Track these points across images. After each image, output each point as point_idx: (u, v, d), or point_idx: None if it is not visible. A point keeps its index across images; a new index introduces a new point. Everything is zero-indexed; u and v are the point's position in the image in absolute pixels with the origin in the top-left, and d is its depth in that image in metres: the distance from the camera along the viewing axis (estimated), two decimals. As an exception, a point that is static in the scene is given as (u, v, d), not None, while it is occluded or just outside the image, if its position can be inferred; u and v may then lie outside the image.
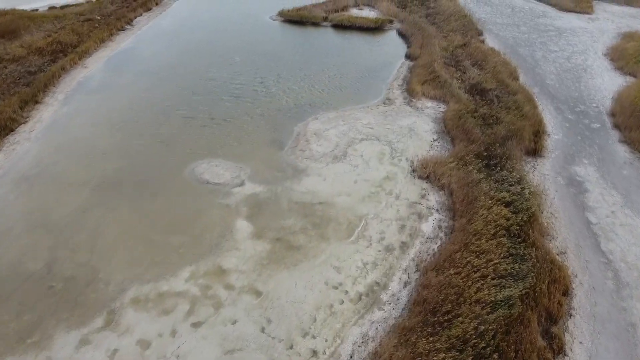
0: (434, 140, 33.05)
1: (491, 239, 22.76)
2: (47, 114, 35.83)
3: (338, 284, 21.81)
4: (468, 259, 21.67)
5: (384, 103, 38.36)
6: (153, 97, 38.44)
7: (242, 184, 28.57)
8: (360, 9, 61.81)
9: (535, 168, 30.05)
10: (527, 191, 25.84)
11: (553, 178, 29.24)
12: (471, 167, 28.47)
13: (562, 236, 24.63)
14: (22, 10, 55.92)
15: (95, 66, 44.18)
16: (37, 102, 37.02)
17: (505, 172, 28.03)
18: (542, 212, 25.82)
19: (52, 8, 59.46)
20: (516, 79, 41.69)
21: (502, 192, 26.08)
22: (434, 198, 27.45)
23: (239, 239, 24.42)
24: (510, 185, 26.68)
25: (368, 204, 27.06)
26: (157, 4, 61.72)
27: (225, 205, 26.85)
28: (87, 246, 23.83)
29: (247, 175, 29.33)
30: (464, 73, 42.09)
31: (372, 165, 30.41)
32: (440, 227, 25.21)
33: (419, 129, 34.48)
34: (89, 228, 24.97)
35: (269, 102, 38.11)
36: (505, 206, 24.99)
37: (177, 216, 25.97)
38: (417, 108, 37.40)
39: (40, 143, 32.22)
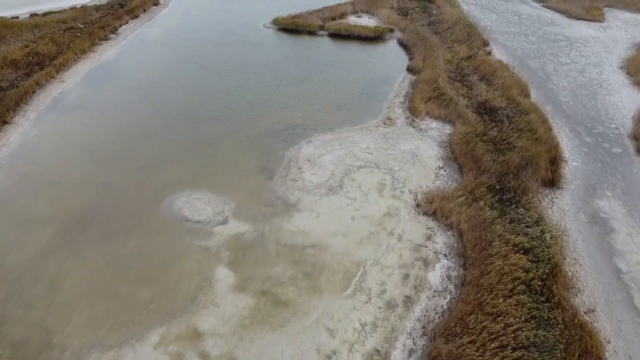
0: (440, 168, 29.93)
1: (509, 297, 19.64)
2: (15, 136, 32.64)
3: (332, 352, 18.67)
4: (483, 323, 18.54)
5: (384, 123, 35.24)
6: (133, 116, 35.28)
7: (225, 221, 25.43)
8: (359, 16, 58.73)
9: (553, 202, 26.95)
10: (548, 235, 22.71)
11: (574, 214, 26.14)
12: (482, 203, 25.36)
13: (589, 289, 21.52)
14: (0, 18, 52.69)
15: (74, 80, 41.00)
16: (5, 123, 33.81)
17: (521, 209, 24.91)
18: (564, 258, 22.72)
19: (33, 15, 56.28)
20: (527, 95, 38.62)
21: (519, 235, 22.95)
22: (442, 240, 24.32)
23: (219, 292, 21.28)
24: (527, 227, 23.55)
25: (367, 246, 23.93)
26: (145, 11, 58.59)
27: (204, 248, 23.70)
28: (43, 301, 20.68)
29: (231, 210, 26.20)
30: (471, 89, 39.00)
31: (371, 199, 27.28)
32: (449, 277, 22.07)
33: (423, 154, 31.35)
34: (48, 277, 21.82)
35: (259, 122, 34.96)
36: (524, 253, 21.85)
37: (150, 262, 22.81)
38: (421, 129, 34.28)
39: (4, 171, 29.03)
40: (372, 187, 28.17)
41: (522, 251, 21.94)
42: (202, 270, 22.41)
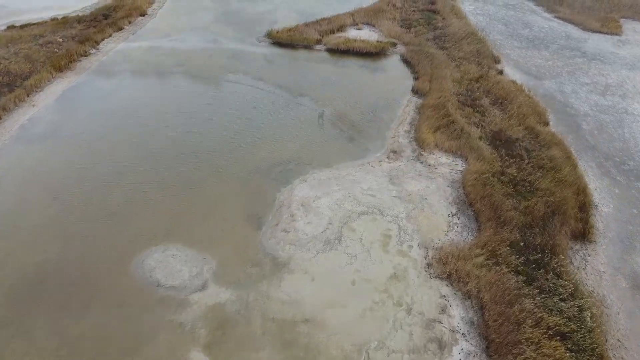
0: (453, 215, 26.15)
1: (547, 404, 15.89)
2: (-29, 174, 28.87)
3: None
4: None
5: (388, 157, 31.42)
6: (105, 150, 31.39)
7: (203, 286, 21.68)
8: (359, 29, 54.88)
9: (586, 261, 23.18)
10: (587, 314, 18.96)
11: (612, 278, 22.37)
12: (505, 267, 21.58)
13: (640, 384, 17.77)
14: (-27, 31, 48.92)
15: (45, 104, 37.15)
16: (-38, 158, 30.02)
17: (552, 275, 21.15)
18: (606, 340, 18.97)
19: (11, 27, 52.32)
20: (546, 123, 34.86)
21: (552, 312, 19.21)
22: (459, 313, 20.54)
23: (191, 388, 17.52)
24: (562, 301, 19.79)
25: (370, 322, 20.17)
26: (130, 23, 54.65)
27: (177, 325, 19.94)
28: (-24, 401, 16.94)
29: (212, 271, 22.46)
30: (483, 115, 35.22)
31: (374, 256, 23.52)
32: (469, 367, 18.31)
33: (433, 197, 27.57)
34: (-15, 366, 18.08)
35: (247, 156, 31.11)
36: (561, 339, 18.10)
37: (110, 345, 19.07)
38: (429, 165, 30.47)
39: (-48, 220, 25.28)
40: (375, 240, 24.41)
41: (558, 336, 18.18)
42: (173, 356, 18.67)
